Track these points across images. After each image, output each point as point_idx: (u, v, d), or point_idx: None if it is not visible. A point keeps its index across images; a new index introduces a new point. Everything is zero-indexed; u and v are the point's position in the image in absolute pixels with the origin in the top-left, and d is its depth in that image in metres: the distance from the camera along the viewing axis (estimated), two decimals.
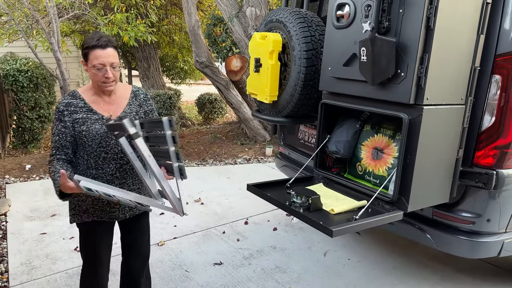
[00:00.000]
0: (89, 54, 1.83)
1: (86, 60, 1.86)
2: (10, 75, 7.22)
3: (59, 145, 1.89)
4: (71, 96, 1.92)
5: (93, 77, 1.88)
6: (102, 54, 1.83)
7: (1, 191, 4.56)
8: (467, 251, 2.27)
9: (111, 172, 1.97)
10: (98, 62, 1.82)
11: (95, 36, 1.83)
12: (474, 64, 2.01)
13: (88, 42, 1.83)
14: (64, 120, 1.88)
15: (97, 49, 1.81)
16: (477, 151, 2.15)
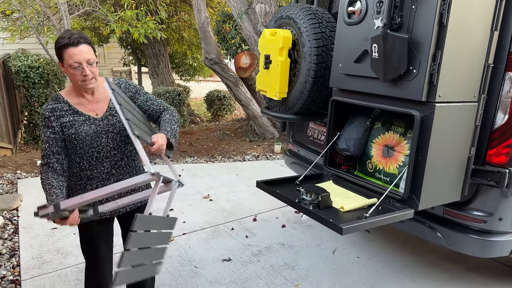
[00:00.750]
0: (63, 54, 1.75)
1: (61, 61, 1.79)
2: (22, 72, 7.30)
3: (49, 152, 1.83)
4: (54, 101, 1.87)
5: (72, 78, 1.82)
6: (76, 51, 1.75)
7: (12, 186, 4.62)
8: (478, 250, 2.25)
9: (106, 170, 1.96)
10: (73, 60, 1.75)
11: (66, 35, 1.76)
12: (488, 61, 1.99)
13: (60, 42, 1.75)
14: (52, 125, 1.83)
15: (69, 47, 1.74)
16: (489, 149, 2.12)
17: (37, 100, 7.45)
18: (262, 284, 2.79)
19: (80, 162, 1.91)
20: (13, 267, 2.98)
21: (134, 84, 2.05)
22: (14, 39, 7.70)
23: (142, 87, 2.07)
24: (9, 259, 3.08)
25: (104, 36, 8.97)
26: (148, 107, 2.04)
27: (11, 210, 3.92)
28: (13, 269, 2.95)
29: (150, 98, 2.06)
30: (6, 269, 2.94)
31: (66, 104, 1.87)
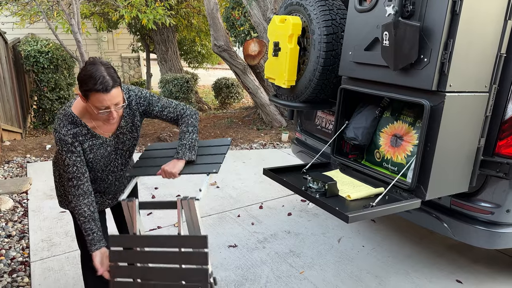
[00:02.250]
0: (90, 96, 1.62)
1: (85, 98, 1.65)
2: (31, 56, 7.33)
3: (79, 174, 1.77)
4: (73, 124, 1.75)
5: (94, 114, 1.71)
6: (106, 98, 1.62)
7: (22, 170, 4.67)
8: (485, 241, 2.24)
9: (109, 181, 2.00)
10: (102, 105, 1.64)
11: (96, 76, 1.59)
12: (500, 51, 1.96)
13: (89, 85, 1.59)
14: (76, 150, 1.76)
15: (99, 93, 1.60)
16: (499, 141, 2.11)
17: (46, 85, 7.50)
18: (267, 270, 2.81)
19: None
20: (22, 249, 3.03)
21: (145, 96, 1.94)
22: (23, 23, 7.72)
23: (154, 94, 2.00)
24: (19, 241, 3.14)
25: (113, 22, 8.96)
26: (165, 116, 1.98)
27: (20, 193, 3.97)
28: (22, 250, 3.01)
29: (165, 106, 1.97)
30: (16, 250, 2.99)
31: (84, 128, 1.78)
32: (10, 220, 3.44)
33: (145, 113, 1.96)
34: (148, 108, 1.94)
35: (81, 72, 1.64)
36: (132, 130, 1.95)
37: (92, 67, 1.62)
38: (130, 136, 1.95)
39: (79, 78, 1.64)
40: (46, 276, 2.69)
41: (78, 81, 1.66)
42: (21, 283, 2.63)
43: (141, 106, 1.93)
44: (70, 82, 8.05)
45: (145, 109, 1.95)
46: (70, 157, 1.74)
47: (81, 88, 1.63)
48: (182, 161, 1.93)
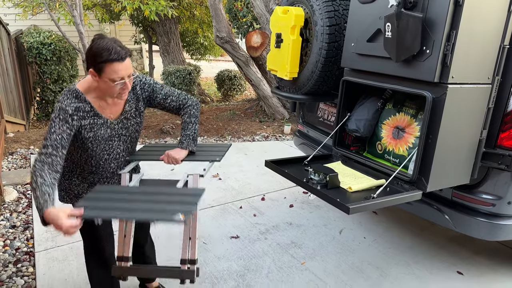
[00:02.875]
0: (105, 67, 1.63)
1: (99, 72, 1.65)
2: (34, 48, 7.33)
3: (59, 144, 1.68)
4: (77, 99, 1.74)
5: (107, 89, 1.71)
6: (122, 67, 1.65)
7: (26, 161, 4.70)
8: (486, 233, 2.25)
9: (111, 170, 1.97)
10: (118, 76, 1.66)
11: (109, 48, 1.62)
12: (503, 42, 1.95)
13: (103, 55, 1.61)
14: (72, 124, 1.72)
15: (115, 62, 1.63)
16: (501, 133, 2.10)
17: (49, 77, 7.50)
18: (269, 261, 2.84)
19: (87, 159, 1.88)
20: (27, 239, 3.06)
21: (149, 83, 1.96)
22: (26, 15, 7.72)
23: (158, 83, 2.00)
24: (23, 231, 3.17)
25: (115, 13, 8.93)
26: (167, 104, 2.00)
27: (24, 184, 4.00)
28: (27, 241, 3.04)
29: (168, 95, 1.99)
30: (20, 241, 3.03)
31: (88, 105, 1.77)
32: (14, 211, 3.47)
33: (149, 100, 1.98)
34: (152, 95, 1.96)
35: (91, 47, 1.65)
36: (136, 115, 1.95)
37: (102, 41, 1.64)
38: (134, 121, 1.95)
39: (91, 52, 1.64)
40: (50, 266, 2.72)
41: (89, 56, 1.65)
42: (26, 272, 2.66)
43: (145, 91, 1.95)
44: (73, 74, 8.06)
45: (149, 96, 1.96)
46: (62, 126, 1.68)
47: (95, 61, 1.63)
48: (185, 150, 2.00)
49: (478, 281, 2.69)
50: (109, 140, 1.87)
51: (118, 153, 1.95)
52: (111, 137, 1.88)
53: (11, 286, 2.51)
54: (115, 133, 1.89)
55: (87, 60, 1.68)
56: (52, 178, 1.63)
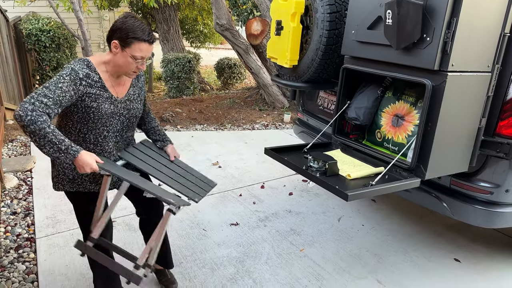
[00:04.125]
0: (134, 44, 1.74)
1: (124, 46, 1.74)
2: (33, 35, 7.29)
3: (57, 100, 1.64)
4: (88, 67, 1.79)
5: (124, 64, 1.80)
6: (148, 48, 1.78)
7: (26, 149, 4.71)
8: (484, 220, 2.27)
9: (109, 149, 1.97)
10: (141, 55, 1.77)
11: (144, 29, 1.75)
12: (504, 30, 1.94)
13: (138, 34, 1.73)
14: (78, 87, 1.74)
15: (145, 43, 1.76)
16: (500, 121, 2.11)
17: (48, 64, 7.47)
18: (268, 248, 2.86)
19: (87, 134, 1.88)
20: (28, 225, 3.09)
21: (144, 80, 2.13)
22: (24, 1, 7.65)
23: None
24: (24, 218, 3.19)
25: (114, 0, 8.85)
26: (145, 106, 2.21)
27: (25, 171, 4.02)
28: (28, 227, 3.06)
29: (145, 97, 2.17)
30: (21, 227, 3.05)
31: (97, 75, 1.81)
32: (15, 198, 3.49)
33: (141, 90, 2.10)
34: (141, 89, 2.10)
35: (125, 22, 1.74)
36: (138, 101, 2.03)
37: (137, 21, 1.75)
38: (136, 106, 2.01)
39: (124, 26, 1.73)
40: (51, 252, 2.74)
41: (119, 29, 1.73)
42: (27, 258, 2.68)
43: (141, 83, 2.09)
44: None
45: (140, 87, 2.09)
46: (69, 85, 1.68)
47: (126, 35, 1.72)
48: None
49: (475, 268, 2.72)
50: (110, 116, 1.89)
51: (116, 131, 1.96)
52: (112, 114, 1.90)
53: (13, 271, 2.54)
54: (117, 111, 1.92)
55: (114, 32, 1.75)
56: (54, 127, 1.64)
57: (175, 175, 2.10)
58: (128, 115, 1.98)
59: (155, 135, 2.24)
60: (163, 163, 2.15)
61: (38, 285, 2.43)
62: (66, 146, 1.62)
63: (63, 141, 1.61)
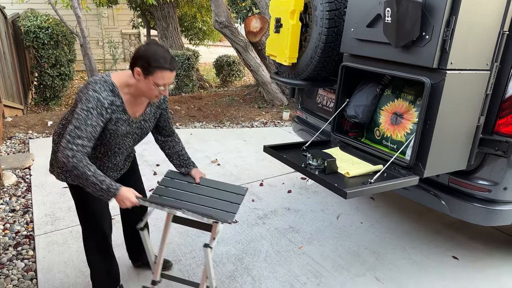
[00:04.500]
0: (157, 72, 1.74)
1: (147, 74, 1.75)
2: (31, 32, 7.26)
3: (91, 136, 1.75)
4: (112, 93, 1.80)
5: (147, 91, 1.81)
6: (170, 76, 1.79)
7: (24, 146, 4.71)
8: (482, 218, 2.28)
9: (116, 162, 2.03)
10: (163, 82, 1.78)
11: (166, 57, 1.75)
12: (503, 29, 1.94)
13: (160, 62, 1.73)
14: (105, 116, 1.78)
15: (167, 71, 1.77)
16: (499, 119, 2.11)
17: (47, 61, 7.45)
18: (267, 245, 2.87)
19: (98, 147, 1.92)
20: (26, 223, 3.09)
21: (167, 98, 2.13)
22: None
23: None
24: (23, 215, 3.19)
25: None
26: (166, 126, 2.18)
27: (23, 168, 4.01)
28: (26, 225, 3.06)
29: (170, 118, 2.19)
30: (20, 224, 3.05)
31: (119, 99, 1.83)
32: (13, 195, 3.49)
33: (161, 113, 2.12)
34: (165, 111, 2.14)
35: (148, 50, 1.74)
36: (152, 120, 2.06)
37: (159, 48, 1.76)
38: (149, 125, 2.05)
39: (147, 54, 1.73)
40: (50, 249, 2.75)
41: (141, 57, 1.74)
42: (26, 255, 2.69)
43: (165, 103, 2.11)
44: (71, 58, 8.00)
45: (164, 109, 2.13)
46: (97, 119, 1.75)
47: (148, 64, 1.73)
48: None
49: (473, 266, 2.73)
50: (124, 136, 1.93)
51: (126, 148, 2.01)
52: (127, 134, 1.94)
53: (12, 268, 2.54)
54: (131, 131, 1.95)
55: (136, 59, 1.75)
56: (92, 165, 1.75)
57: (203, 199, 2.08)
58: (141, 133, 2.03)
59: (179, 160, 2.22)
60: (190, 190, 2.13)
61: (37, 282, 2.43)
62: (107, 185, 1.74)
63: (103, 181, 1.74)
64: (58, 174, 2.01)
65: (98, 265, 2.16)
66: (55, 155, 2.01)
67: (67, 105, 8.23)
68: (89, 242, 2.14)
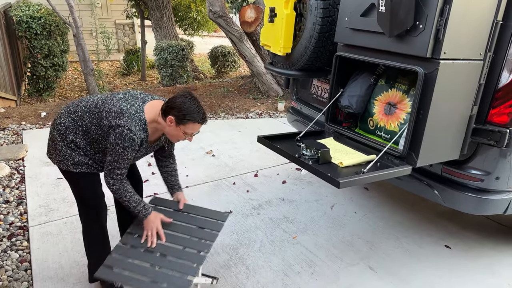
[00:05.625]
0: (189, 123, 1.87)
1: (179, 123, 1.87)
2: (23, 22, 7.17)
3: (127, 165, 1.94)
4: (143, 131, 1.92)
5: (175, 135, 1.94)
6: (200, 128, 1.93)
7: (18, 137, 4.68)
8: (474, 207, 2.30)
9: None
10: (192, 132, 1.92)
11: (200, 111, 1.88)
12: (497, 18, 1.94)
13: (194, 116, 1.86)
14: (136, 149, 1.93)
15: (199, 124, 1.90)
16: (492, 109, 2.12)
17: (39, 52, 7.37)
18: (261, 235, 2.88)
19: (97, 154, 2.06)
20: (20, 214, 3.08)
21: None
22: None
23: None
24: (17, 206, 3.18)
25: None
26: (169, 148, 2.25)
27: (17, 160, 3.99)
28: (20, 216, 3.05)
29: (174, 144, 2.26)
30: (14, 216, 3.04)
31: (146, 134, 1.95)
32: (7, 186, 3.48)
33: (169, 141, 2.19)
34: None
35: (185, 102, 1.85)
36: (160, 144, 2.14)
37: (195, 102, 1.88)
38: (157, 146, 2.15)
39: (184, 107, 1.85)
40: (44, 240, 2.74)
41: (177, 108, 1.85)
42: (20, 246, 2.68)
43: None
44: (64, 49, 7.92)
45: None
46: (131, 154, 1.91)
47: (183, 116, 1.85)
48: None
49: (466, 255, 2.76)
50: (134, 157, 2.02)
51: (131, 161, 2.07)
52: (139, 155, 2.05)
53: (6, 259, 2.54)
54: (143, 153, 2.07)
55: (172, 109, 1.86)
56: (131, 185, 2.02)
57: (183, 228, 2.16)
58: (147, 152, 2.10)
59: (166, 179, 2.30)
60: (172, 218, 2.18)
61: (32, 273, 2.43)
62: (139, 210, 2.02)
63: (138, 204, 2.01)
64: (59, 161, 2.06)
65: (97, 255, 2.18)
66: (52, 142, 2.07)
67: (60, 96, 8.17)
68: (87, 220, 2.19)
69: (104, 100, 1.99)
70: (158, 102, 1.99)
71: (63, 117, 2.03)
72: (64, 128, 2.01)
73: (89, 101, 2.03)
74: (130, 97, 1.99)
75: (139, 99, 1.99)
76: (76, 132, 1.99)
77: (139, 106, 1.95)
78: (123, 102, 1.94)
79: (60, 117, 2.05)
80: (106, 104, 1.95)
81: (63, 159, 2.03)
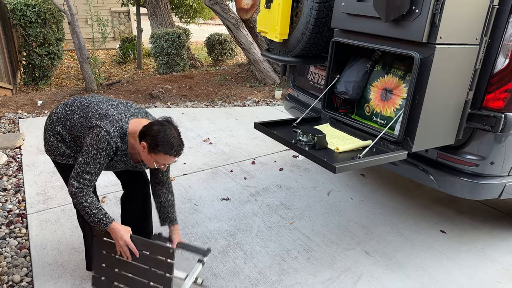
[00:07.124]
0: (160, 154, 1.81)
1: (151, 151, 1.82)
2: (18, 10, 7.10)
3: (98, 172, 1.88)
4: (121, 140, 1.89)
5: (146, 161, 1.90)
6: (172, 160, 1.87)
7: (14, 126, 4.66)
8: (469, 192, 2.32)
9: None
10: (164, 163, 1.87)
11: (174, 143, 1.81)
12: (493, 3, 1.94)
13: (167, 148, 1.80)
14: (111, 156, 1.90)
15: (172, 156, 1.83)
16: (487, 94, 2.13)
17: (35, 40, 7.30)
18: (258, 221, 2.91)
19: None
20: (18, 202, 3.09)
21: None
22: None
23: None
24: (15, 194, 3.19)
25: None
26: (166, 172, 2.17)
27: (14, 148, 3.99)
28: (18, 203, 3.06)
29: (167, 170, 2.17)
30: (12, 203, 3.05)
31: (125, 145, 1.92)
32: (5, 175, 3.48)
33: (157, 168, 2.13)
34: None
35: (159, 132, 1.79)
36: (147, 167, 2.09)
37: (170, 133, 1.81)
38: (144, 169, 2.14)
39: (159, 137, 1.78)
40: (43, 227, 2.76)
41: (151, 136, 1.80)
42: (19, 233, 2.70)
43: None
44: (59, 37, 7.85)
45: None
46: (105, 158, 1.86)
47: (155, 145, 1.79)
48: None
49: (461, 239, 2.79)
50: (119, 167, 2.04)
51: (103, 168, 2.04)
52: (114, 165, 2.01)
53: (5, 246, 2.55)
54: (119, 166, 2.03)
55: (146, 135, 1.82)
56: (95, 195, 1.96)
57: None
58: (127, 167, 2.07)
59: (159, 210, 2.19)
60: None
61: (31, 259, 2.45)
62: (99, 218, 1.87)
63: (99, 211, 1.87)
64: (48, 150, 2.08)
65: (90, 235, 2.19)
66: (44, 131, 2.08)
67: (56, 85, 8.12)
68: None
69: (97, 103, 1.99)
70: (146, 121, 1.95)
71: (60, 107, 2.05)
72: (56, 118, 2.02)
73: (89, 100, 2.03)
74: (124, 107, 1.98)
75: (129, 111, 1.97)
76: (64, 125, 1.99)
77: (126, 116, 1.93)
78: (112, 108, 1.94)
79: (58, 106, 2.07)
80: (96, 106, 1.95)
81: (51, 149, 2.05)
